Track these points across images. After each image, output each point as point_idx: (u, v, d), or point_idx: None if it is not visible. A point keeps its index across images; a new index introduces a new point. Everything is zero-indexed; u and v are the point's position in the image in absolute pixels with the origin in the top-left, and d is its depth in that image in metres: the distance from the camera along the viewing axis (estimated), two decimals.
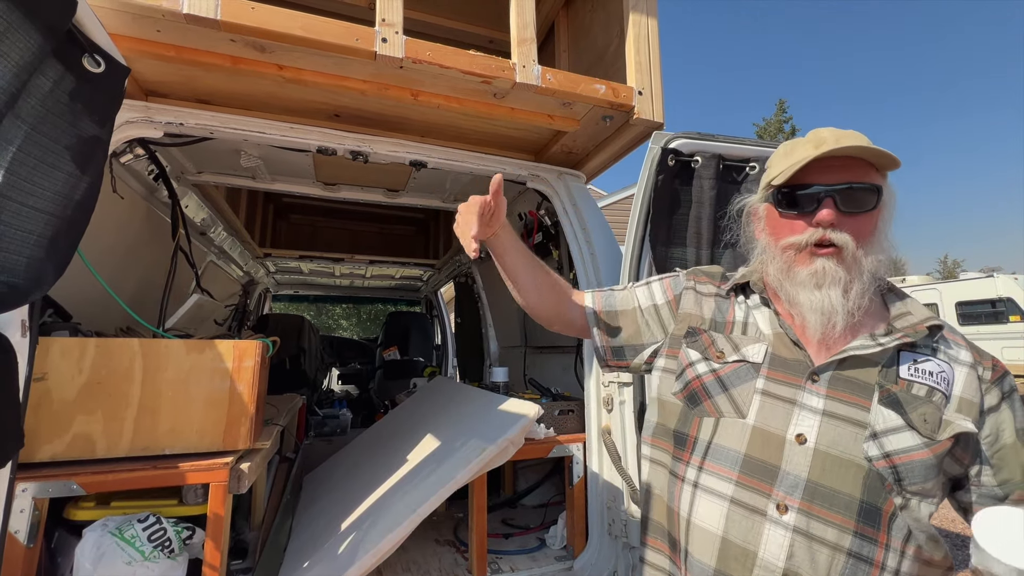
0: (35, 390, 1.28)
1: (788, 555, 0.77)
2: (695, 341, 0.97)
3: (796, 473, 0.79)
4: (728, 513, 0.82)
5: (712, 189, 1.70)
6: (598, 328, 1.12)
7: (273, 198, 4.18)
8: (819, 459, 0.79)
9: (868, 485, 0.77)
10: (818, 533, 0.77)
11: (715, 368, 0.92)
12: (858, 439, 0.79)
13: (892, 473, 0.77)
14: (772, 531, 0.79)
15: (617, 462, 1.74)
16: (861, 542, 0.75)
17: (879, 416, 0.79)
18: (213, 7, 1.23)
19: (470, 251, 0.99)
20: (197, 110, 1.64)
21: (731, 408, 0.88)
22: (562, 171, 2.11)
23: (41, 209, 1.01)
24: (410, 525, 1.45)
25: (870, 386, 0.82)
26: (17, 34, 0.92)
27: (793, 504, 0.78)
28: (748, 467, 0.83)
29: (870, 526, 0.76)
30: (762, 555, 0.78)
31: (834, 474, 0.78)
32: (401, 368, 5.23)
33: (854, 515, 0.76)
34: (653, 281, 1.12)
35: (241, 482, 1.44)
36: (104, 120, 1.16)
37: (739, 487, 0.83)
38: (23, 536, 1.23)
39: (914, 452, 0.77)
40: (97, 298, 1.64)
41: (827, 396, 0.83)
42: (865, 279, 0.86)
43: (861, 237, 0.86)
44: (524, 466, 2.60)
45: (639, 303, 1.10)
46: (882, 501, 0.77)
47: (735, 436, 0.86)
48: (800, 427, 0.82)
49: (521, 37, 1.58)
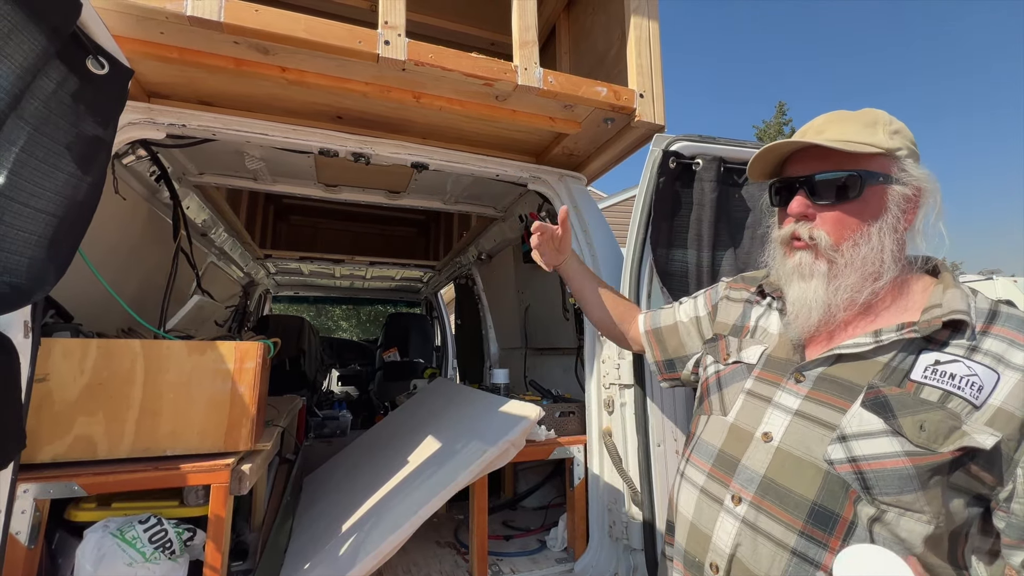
0: (37, 391, 1.28)
1: (735, 543, 0.81)
2: (713, 347, 1.03)
3: (754, 468, 0.82)
4: (697, 500, 0.89)
5: (713, 192, 1.71)
6: (649, 346, 1.27)
7: (274, 199, 4.18)
8: (779, 457, 0.80)
9: (825, 488, 0.74)
10: (764, 527, 0.78)
11: (719, 369, 0.96)
12: (823, 441, 0.76)
13: (857, 479, 0.72)
14: (725, 519, 0.83)
15: (618, 464, 1.74)
16: (807, 543, 0.74)
17: (855, 419, 0.75)
18: (216, 9, 1.24)
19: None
20: (199, 112, 1.64)
21: (719, 406, 0.92)
22: (563, 173, 2.12)
23: (43, 210, 1.02)
24: (411, 527, 1.45)
25: (858, 387, 0.77)
26: (21, 35, 0.93)
27: (746, 497, 0.81)
28: (719, 460, 0.88)
29: (820, 529, 0.74)
30: (715, 540, 0.83)
31: (791, 473, 0.78)
32: (401, 369, 5.23)
33: (803, 515, 0.75)
34: (700, 295, 1.21)
35: (242, 483, 1.44)
36: (107, 121, 1.16)
37: (709, 478, 0.88)
38: (24, 537, 1.23)
39: (887, 459, 0.71)
40: (98, 299, 1.63)
41: (806, 396, 0.81)
42: (857, 273, 0.81)
43: (842, 229, 0.83)
44: (524, 468, 2.60)
45: (681, 317, 1.20)
46: (840, 507, 0.73)
47: (716, 432, 0.91)
48: (769, 425, 0.83)
49: (523, 40, 1.58)
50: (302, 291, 5.78)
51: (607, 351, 1.84)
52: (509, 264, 3.37)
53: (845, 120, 0.85)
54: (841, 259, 0.83)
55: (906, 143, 0.83)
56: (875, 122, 0.83)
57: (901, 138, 0.83)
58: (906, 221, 0.83)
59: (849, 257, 0.82)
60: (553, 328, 2.91)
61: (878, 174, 0.82)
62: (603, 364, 1.86)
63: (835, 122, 0.85)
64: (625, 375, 1.74)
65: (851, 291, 0.82)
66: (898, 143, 0.82)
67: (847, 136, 0.82)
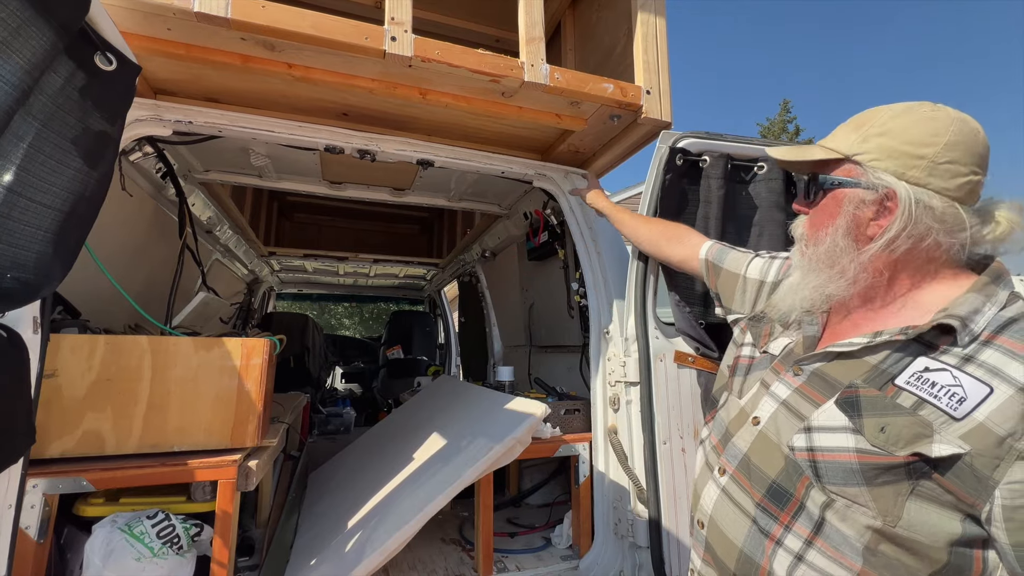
0: (46, 387, 1.28)
1: (714, 507, 0.93)
2: (757, 328, 1.07)
3: (740, 447, 0.92)
4: (702, 468, 1.02)
5: (720, 189, 1.70)
6: (707, 273, 1.31)
7: (278, 197, 4.19)
8: (760, 440, 0.88)
9: (785, 471, 0.82)
10: (735, 497, 0.89)
11: (754, 356, 1.03)
12: (793, 430, 0.83)
13: (810, 466, 0.79)
14: (711, 486, 0.95)
15: (623, 462, 1.74)
16: (763, 515, 0.84)
17: (823, 414, 0.80)
18: (224, 5, 1.23)
19: None
20: (206, 108, 1.64)
21: (739, 389, 1.00)
22: (569, 170, 2.11)
23: (51, 206, 1.02)
24: (417, 524, 1.46)
25: (841, 385, 0.81)
26: (30, 31, 0.93)
27: (729, 470, 0.92)
28: (723, 436, 0.98)
29: (775, 504, 0.83)
30: (702, 502, 0.96)
31: (763, 454, 0.87)
32: (405, 367, 5.23)
33: (763, 490, 0.84)
34: (778, 258, 1.17)
35: (249, 479, 1.45)
36: (115, 118, 1.16)
37: (712, 449, 1.00)
38: (34, 532, 1.24)
39: (838, 452, 0.76)
40: (105, 295, 1.64)
41: (796, 389, 0.87)
42: (822, 272, 0.87)
43: (808, 228, 0.91)
44: (529, 465, 2.60)
45: (746, 272, 1.19)
46: (793, 488, 0.81)
47: (729, 412, 0.99)
48: (761, 411, 0.91)
49: (529, 36, 1.58)
50: (306, 288, 5.79)
51: (612, 349, 1.84)
52: (513, 262, 3.36)
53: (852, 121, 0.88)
54: (809, 253, 0.90)
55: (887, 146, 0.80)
56: (864, 123, 0.84)
57: (882, 140, 0.80)
58: (878, 225, 0.82)
59: (811, 254, 0.89)
60: (558, 326, 2.90)
61: (833, 179, 0.86)
62: (608, 362, 1.86)
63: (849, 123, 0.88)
64: (631, 373, 1.73)
65: (819, 287, 0.88)
66: (868, 147, 0.81)
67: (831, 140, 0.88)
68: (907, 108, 0.82)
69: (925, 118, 0.80)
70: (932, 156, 0.78)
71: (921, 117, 0.80)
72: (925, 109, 0.81)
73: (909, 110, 0.82)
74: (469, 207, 2.92)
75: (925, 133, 0.79)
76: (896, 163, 0.79)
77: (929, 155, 0.78)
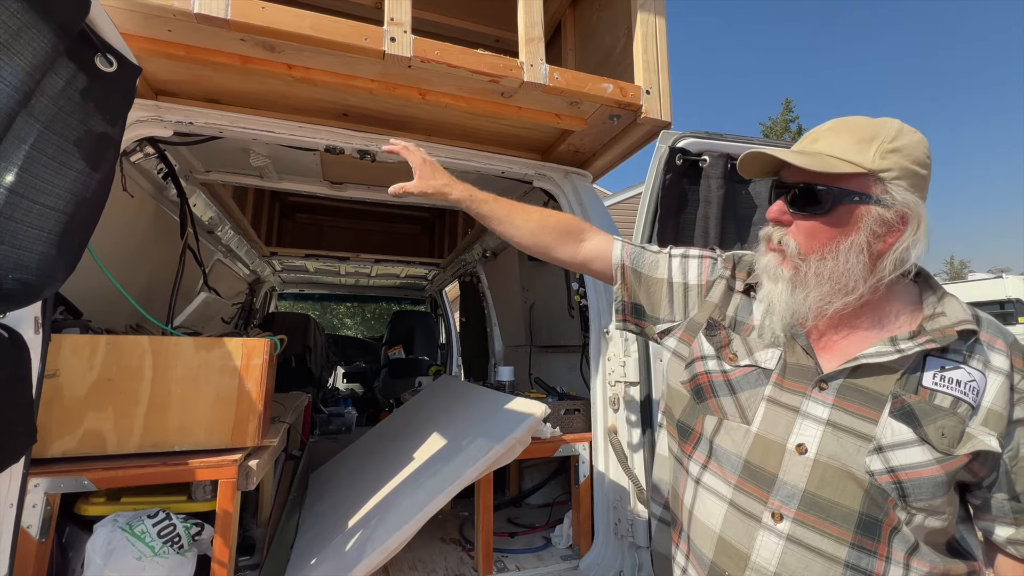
0: (47, 387, 1.29)
1: (780, 562, 0.79)
2: (713, 335, 0.95)
3: (793, 483, 0.80)
4: (726, 514, 0.86)
5: (720, 188, 1.69)
6: (622, 280, 1.10)
7: (279, 197, 4.20)
8: (819, 470, 0.79)
9: (869, 499, 0.76)
10: (813, 543, 0.77)
11: (726, 370, 0.91)
12: (861, 452, 0.77)
13: (896, 488, 0.75)
14: (766, 537, 0.81)
15: (623, 462, 1.74)
16: (859, 554, 0.75)
17: (887, 429, 0.76)
18: (224, 7, 1.24)
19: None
20: (206, 109, 1.65)
21: (736, 412, 0.88)
22: (569, 170, 2.11)
23: (53, 207, 1.02)
24: (417, 523, 1.46)
25: (883, 396, 0.78)
26: (31, 33, 0.93)
27: (788, 513, 0.80)
28: (748, 473, 0.85)
29: (869, 538, 0.75)
30: (755, 559, 0.81)
31: (833, 486, 0.78)
32: (406, 367, 5.24)
33: (852, 527, 0.76)
34: (691, 257, 1.07)
35: (249, 479, 1.45)
36: (116, 119, 1.17)
37: (737, 491, 0.85)
38: (35, 531, 1.24)
39: (923, 468, 0.74)
40: (106, 295, 1.65)
41: (833, 406, 0.80)
42: (825, 287, 0.81)
43: (812, 241, 0.83)
44: (529, 465, 2.60)
45: (670, 277, 1.06)
46: (883, 515, 0.75)
47: (738, 441, 0.87)
48: (801, 437, 0.81)
49: (529, 36, 1.58)
50: (307, 288, 5.80)
51: (613, 349, 1.84)
52: (514, 262, 3.37)
53: (844, 130, 0.84)
54: (806, 268, 0.83)
55: (901, 164, 0.80)
56: (873, 137, 0.81)
57: (897, 158, 0.80)
58: (885, 242, 0.81)
59: (816, 269, 0.82)
60: (558, 326, 2.91)
61: (854, 193, 0.81)
62: (609, 362, 1.86)
63: (834, 131, 0.84)
64: (631, 373, 1.73)
65: (820, 302, 0.83)
66: (889, 164, 0.79)
67: (836, 150, 0.82)
68: (900, 126, 0.83)
69: (918, 139, 0.82)
70: (927, 176, 0.82)
71: (915, 138, 0.82)
72: (910, 128, 0.83)
73: (903, 129, 0.83)
74: None
75: (923, 154, 0.82)
76: (910, 182, 0.80)
77: (926, 175, 0.82)
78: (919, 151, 0.81)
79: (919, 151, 0.81)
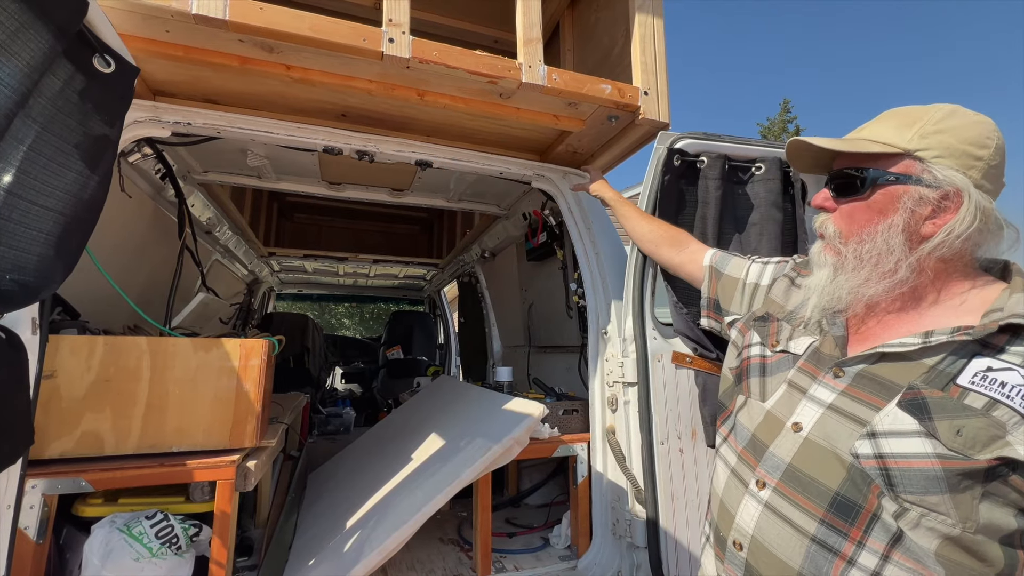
0: (44, 388, 1.29)
1: (756, 525, 0.85)
2: (763, 326, 1.03)
3: (780, 456, 0.85)
4: (727, 479, 0.93)
5: (718, 189, 1.70)
6: (708, 279, 1.31)
7: (277, 197, 4.19)
8: (807, 447, 0.82)
9: (849, 481, 0.76)
10: (786, 513, 0.82)
11: (766, 355, 0.98)
12: (852, 435, 0.77)
13: (882, 475, 0.73)
14: (748, 502, 0.87)
15: (621, 462, 1.74)
16: (828, 531, 0.77)
17: (887, 417, 0.75)
18: (222, 7, 1.24)
19: None
20: (205, 110, 1.64)
21: (759, 392, 0.94)
22: (567, 171, 2.11)
23: (51, 208, 1.02)
24: (416, 524, 1.46)
25: (897, 387, 0.76)
26: (29, 34, 0.93)
27: (770, 482, 0.84)
28: (750, 444, 0.91)
29: (841, 519, 0.76)
30: (738, 520, 0.88)
31: (816, 464, 0.80)
32: (405, 367, 5.23)
33: (825, 505, 0.78)
34: (771, 262, 1.20)
35: (247, 480, 1.45)
36: (114, 120, 1.17)
37: (739, 459, 0.92)
38: (33, 532, 1.24)
39: (915, 459, 0.71)
40: (104, 296, 1.65)
41: (843, 392, 0.81)
42: (864, 270, 0.82)
43: (851, 224, 0.85)
44: (528, 465, 2.60)
45: (746, 277, 1.22)
46: (862, 499, 0.75)
47: (752, 417, 0.93)
48: (800, 416, 0.85)
49: (527, 37, 1.58)
50: (306, 289, 5.79)
51: (611, 349, 1.84)
52: (512, 262, 3.37)
53: (891, 117, 0.85)
54: (847, 251, 0.85)
55: (945, 143, 0.79)
56: (915, 121, 0.81)
57: (942, 137, 0.79)
58: (934, 224, 0.80)
59: (855, 251, 0.84)
60: (556, 326, 2.91)
61: (890, 174, 0.81)
62: (607, 362, 1.86)
63: (881, 120, 0.86)
64: (629, 373, 1.73)
65: (860, 285, 0.83)
66: (929, 143, 0.79)
67: (879, 135, 0.84)
68: (953, 109, 0.82)
69: (974, 120, 0.81)
70: (987, 158, 0.79)
71: (970, 119, 0.81)
72: (966, 111, 0.83)
73: (955, 111, 0.82)
74: (468, 208, 2.92)
75: (980, 135, 0.79)
76: (958, 162, 0.78)
77: (985, 157, 0.79)
78: (974, 132, 0.79)
79: (974, 132, 0.79)
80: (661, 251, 1.50)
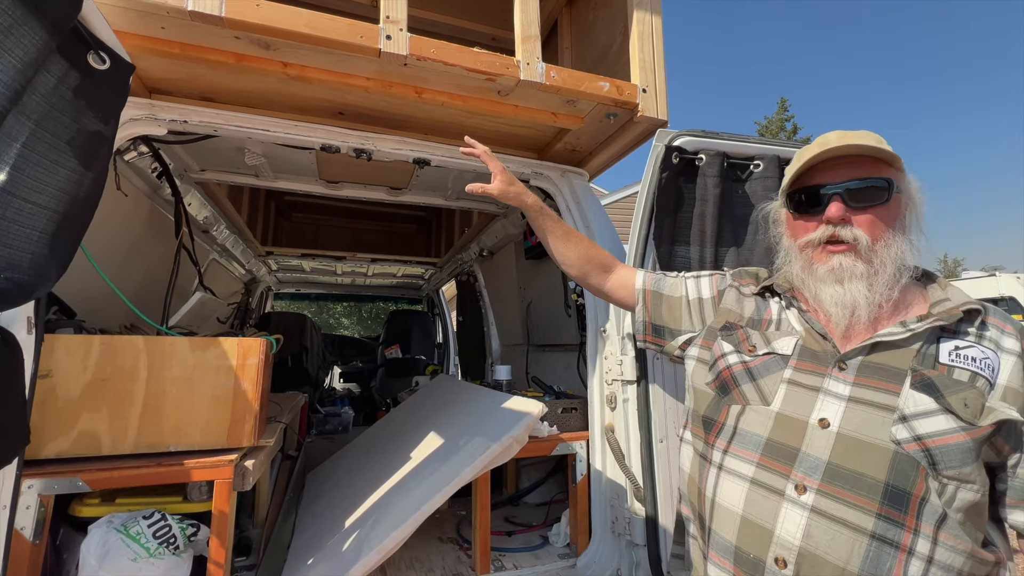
0: (40, 387, 1.28)
1: (805, 534, 0.79)
2: (730, 335, 1.02)
3: (816, 455, 0.81)
4: (748, 493, 0.86)
5: (716, 187, 1.70)
6: (643, 304, 1.23)
7: (275, 196, 4.18)
8: (842, 442, 0.80)
9: (896, 468, 0.76)
10: (839, 515, 0.77)
11: (746, 360, 0.97)
12: (885, 423, 0.79)
13: (925, 456, 0.76)
14: (790, 510, 0.81)
15: (620, 460, 1.74)
16: (887, 525, 0.75)
17: (910, 400, 0.79)
18: (218, 4, 1.23)
19: None
20: (201, 107, 1.63)
21: (757, 396, 0.91)
22: (565, 169, 2.11)
23: (45, 205, 1.01)
24: (414, 523, 1.46)
25: (902, 371, 0.82)
26: (22, 30, 0.92)
27: (812, 485, 0.80)
28: (769, 450, 0.86)
29: (896, 509, 0.75)
30: (779, 533, 0.81)
31: (858, 457, 0.79)
32: (403, 366, 5.23)
33: (879, 497, 0.76)
34: (703, 276, 1.21)
35: (245, 479, 1.45)
36: (109, 117, 1.16)
37: (760, 468, 0.86)
38: (29, 532, 1.23)
39: (949, 435, 0.75)
40: (101, 295, 1.64)
41: (854, 383, 0.84)
42: (889, 271, 0.88)
43: (876, 230, 0.89)
44: (527, 464, 2.60)
45: (687, 294, 1.19)
46: (911, 485, 0.75)
47: (759, 422, 0.89)
48: (824, 412, 0.84)
49: (525, 34, 1.58)
50: (304, 288, 5.77)
51: (610, 347, 1.84)
52: (511, 261, 3.36)
53: (858, 135, 0.91)
54: (876, 259, 0.89)
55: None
56: (879, 138, 0.91)
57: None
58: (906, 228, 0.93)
59: (882, 257, 0.89)
60: (555, 324, 2.91)
61: (896, 183, 0.91)
62: (606, 360, 1.86)
63: (851, 136, 0.91)
64: (628, 371, 1.73)
65: (887, 288, 0.88)
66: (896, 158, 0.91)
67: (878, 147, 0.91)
68: None
69: None
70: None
71: None
72: None
73: None
74: (466, 206, 2.92)
75: None
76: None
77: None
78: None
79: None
80: (590, 279, 1.31)
